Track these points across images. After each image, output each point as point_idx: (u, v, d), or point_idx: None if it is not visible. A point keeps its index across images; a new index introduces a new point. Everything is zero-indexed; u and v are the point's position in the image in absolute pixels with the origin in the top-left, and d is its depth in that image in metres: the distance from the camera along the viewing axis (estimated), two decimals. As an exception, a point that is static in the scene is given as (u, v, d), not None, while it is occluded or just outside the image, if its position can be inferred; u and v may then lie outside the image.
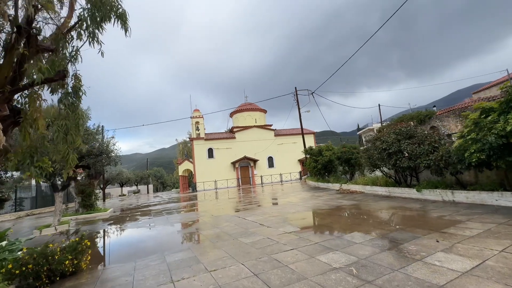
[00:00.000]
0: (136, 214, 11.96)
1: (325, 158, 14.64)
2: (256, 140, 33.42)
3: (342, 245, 4.07)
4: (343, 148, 12.82)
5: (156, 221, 8.97)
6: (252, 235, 5.31)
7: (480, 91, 26.88)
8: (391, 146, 8.19)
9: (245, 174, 32.56)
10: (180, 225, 7.74)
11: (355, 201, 8.74)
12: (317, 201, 9.57)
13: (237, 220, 7.34)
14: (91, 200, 13.23)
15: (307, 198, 10.87)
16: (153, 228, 7.52)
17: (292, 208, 8.61)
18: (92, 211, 12.96)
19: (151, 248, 5.17)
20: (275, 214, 7.61)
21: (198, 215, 9.46)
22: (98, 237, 7.15)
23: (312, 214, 7.16)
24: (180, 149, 46.63)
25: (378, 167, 9.60)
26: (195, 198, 18.96)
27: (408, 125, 8.35)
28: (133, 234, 7.16)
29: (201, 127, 32.25)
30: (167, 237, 6.14)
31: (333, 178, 14.36)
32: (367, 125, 47.89)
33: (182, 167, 32.25)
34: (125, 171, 33.85)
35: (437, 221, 4.98)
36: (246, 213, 8.52)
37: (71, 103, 3.95)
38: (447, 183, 7.42)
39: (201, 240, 5.51)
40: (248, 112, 35.76)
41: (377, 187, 9.99)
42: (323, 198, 10.25)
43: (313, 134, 34.88)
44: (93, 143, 10.27)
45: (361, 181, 11.20)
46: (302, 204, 9.35)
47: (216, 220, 7.70)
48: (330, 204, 8.51)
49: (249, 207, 10.17)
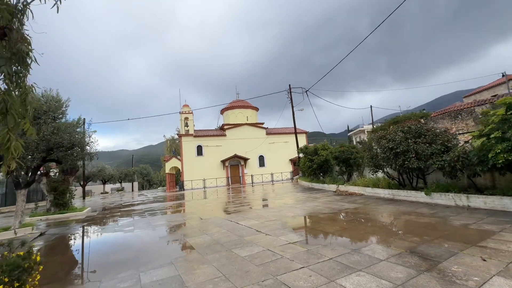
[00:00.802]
0: (115, 214, 10.82)
1: (321, 158, 13.96)
2: (247, 138, 32.52)
3: (364, 262, 3.28)
4: (341, 148, 12.16)
5: (136, 224, 7.93)
6: (248, 245, 4.45)
7: (471, 95, 27.13)
8: (399, 145, 7.53)
9: (235, 173, 31.61)
10: (164, 229, 6.76)
11: (357, 204, 8.04)
12: (315, 204, 8.82)
13: (229, 224, 6.45)
14: (65, 199, 11.95)
15: (303, 200, 10.11)
16: (132, 234, 6.51)
17: (290, 211, 7.81)
18: (66, 211, 11.69)
19: (125, 262, 4.20)
20: (272, 218, 6.78)
21: (184, 218, 8.50)
22: (63, 245, 6.07)
23: (314, 219, 6.37)
24: (168, 146, 45.00)
25: (381, 168, 8.96)
26: (182, 197, 17.87)
27: (418, 122, 7.71)
28: (106, 241, 6.12)
29: (190, 123, 30.99)
30: (147, 246, 5.17)
31: (329, 179, 13.70)
32: (358, 126, 48.00)
33: (169, 164, 30.89)
34: (108, 168, 32.02)
35: (466, 231, 4.29)
36: (239, 216, 7.64)
37: (14, 72, 2.96)
38: (459, 186, 6.82)
39: (187, 251, 4.59)
40: (239, 109, 34.77)
41: (378, 189, 9.35)
42: (321, 200, 9.51)
43: (305, 133, 34.34)
44: (63, 133, 9.00)
45: (360, 182, 10.56)
46: (300, 206, 8.57)
47: (205, 224, 6.78)
48: (332, 208, 7.77)
49: (241, 209, 9.29)
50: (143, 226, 7.43)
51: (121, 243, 5.67)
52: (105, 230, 7.41)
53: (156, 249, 4.83)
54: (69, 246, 5.83)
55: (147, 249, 4.91)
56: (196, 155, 30.66)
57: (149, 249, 4.93)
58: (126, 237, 6.19)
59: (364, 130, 44.42)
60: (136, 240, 5.79)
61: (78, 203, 20.21)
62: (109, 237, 6.47)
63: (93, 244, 5.90)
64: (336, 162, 12.43)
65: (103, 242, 6.08)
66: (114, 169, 34.41)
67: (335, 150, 12.53)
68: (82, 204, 18.83)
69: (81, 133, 10.16)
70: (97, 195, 31.76)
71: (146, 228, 7.09)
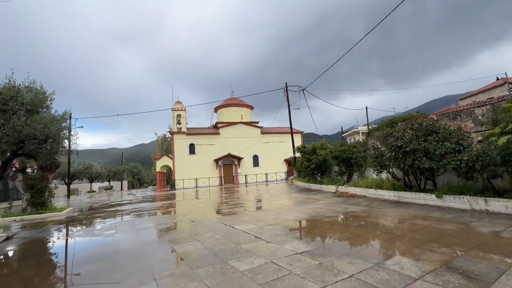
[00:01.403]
0: (98, 215, 9.93)
1: (320, 157, 13.37)
2: (242, 137, 31.78)
3: (395, 281, 2.62)
4: (341, 147, 11.59)
5: (119, 227, 7.12)
6: (247, 255, 3.75)
7: (467, 98, 27.16)
8: (409, 143, 6.97)
9: (228, 173, 30.81)
10: (149, 234, 5.98)
11: (362, 206, 7.44)
12: (317, 206, 8.18)
13: (223, 229, 5.73)
14: (43, 198, 10.96)
15: (302, 201, 9.47)
16: (112, 239, 5.71)
17: (290, 213, 7.14)
18: (44, 211, 10.71)
19: (96, 277, 3.44)
20: (271, 222, 6.09)
21: (174, 220, 7.72)
22: (28, 253, 5.21)
23: (319, 224, 5.71)
24: (159, 144, 43.78)
25: (386, 168, 8.40)
26: (173, 197, 17.00)
27: (429, 119, 7.17)
28: (80, 248, 5.31)
29: (183, 121, 30.03)
30: (126, 256, 4.40)
31: (328, 180, 13.13)
32: (352, 127, 47.89)
33: (160, 162, 29.84)
34: (95, 165, 30.62)
35: (501, 241, 3.70)
36: (234, 219, 6.92)
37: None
38: (474, 189, 6.30)
39: (174, 263, 3.85)
40: (234, 108, 33.99)
41: (383, 190, 8.79)
42: (322, 202, 8.89)
43: (300, 133, 33.84)
44: (37, 125, 8.00)
45: (362, 183, 9.99)
46: (300, 209, 7.91)
47: (197, 228, 6.04)
48: (335, 210, 7.14)
49: (236, 210, 8.57)
50: (126, 229, 6.63)
51: (96, 251, 4.87)
52: (82, 234, 6.57)
53: (137, 260, 4.07)
54: (35, 254, 4.99)
55: (126, 260, 4.14)
56: (188, 153, 29.73)
57: (129, 259, 4.16)
58: (104, 243, 5.39)
59: (359, 131, 44.31)
60: (115, 247, 5.00)
61: (61, 202, 19.07)
62: (84, 243, 5.64)
63: (63, 252, 5.08)
64: (336, 162, 11.86)
65: (76, 249, 5.26)
66: (102, 167, 33.04)
67: (335, 150, 11.96)
68: (66, 203, 17.73)
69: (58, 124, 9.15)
70: (84, 194, 30.40)
71: (129, 231, 6.29)
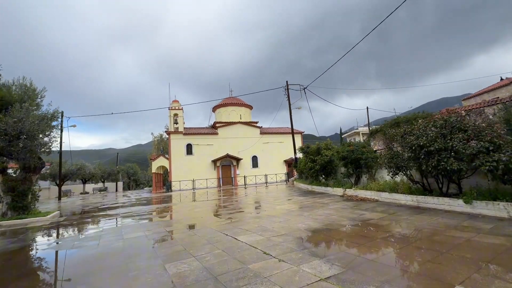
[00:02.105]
0: (85, 220, 9.04)
1: (325, 158, 12.58)
2: (240, 137, 30.97)
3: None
4: (349, 147, 10.81)
5: (105, 235, 6.25)
6: (258, 282, 2.92)
7: (471, 98, 26.62)
8: (433, 142, 6.20)
9: (226, 174, 29.95)
10: (137, 247, 5.13)
11: (379, 213, 6.64)
12: (327, 211, 7.37)
13: (224, 240, 4.90)
14: (25, 201, 10.03)
15: (310, 206, 8.66)
16: (93, 252, 4.85)
17: (299, 221, 6.32)
18: (27, 216, 9.79)
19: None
20: (279, 231, 5.28)
21: (167, 227, 6.87)
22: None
23: (336, 235, 4.90)
24: (156, 144, 42.78)
25: (403, 170, 7.62)
26: (169, 200, 16.10)
27: (457, 115, 6.40)
28: (51, 266, 4.43)
29: (180, 120, 29.15)
30: (103, 280, 3.55)
31: (334, 182, 12.33)
32: (352, 128, 47.26)
33: (156, 163, 28.90)
34: (88, 166, 29.55)
35: None
36: (236, 227, 6.09)
37: None
38: (505, 194, 5.54)
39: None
40: (232, 107, 33.18)
41: (398, 194, 8.02)
42: (332, 207, 8.08)
43: (300, 134, 33.10)
44: (9, 119, 7.05)
45: (374, 186, 9.21)
46: (308, 215, 7.09)
47: (193, 240, 5.20)
48: (350, 217, 6.33)
49: (238, 216, 7.74)
50: (112, 239, 5.76)
51: (69, 272, 3.98)
52: (60, 246, 5.69)
53: (116, 286, 3.23)
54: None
55: (101, 286, 3.29)
56: (185, 154, 28.83)
57: (105, 284, 3.32)
58: (82, 260, 4.52)
59: (359, 132, 43.67)
60: (93, 266, 4.14)
61: (50, 205, 18.08)
62: (59, 259, 4.77)
63: (27, 270, 4.21)
64: (343, 163, 11.07)
65: (46, 266, 4.39)
66: (96, 168, 31.96)
67: (342, 150, 11.18)
68: (55, 206, 16.75)
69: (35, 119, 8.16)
70: (77, 195, 29.32)
71: (115, 242, 5.44)
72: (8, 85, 15.77)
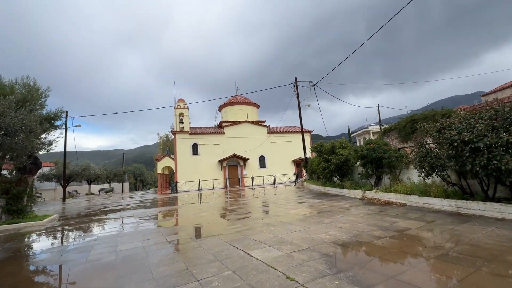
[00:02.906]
0: (81, 226, 8.33)
1: (341, 158, 11.60)
2: (247, 137, 30.14)
3: None
4: (368, 145, 9.82)
5: (98, 245, 5.47)
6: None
7: (490, 94, 25.13)
8: (481, 137, 5.20)
9: (233, 175, 29.15)
10: (130, 265, 4.31)
11: (414, 220, 5.67)
12: (351, 218, 6.43)
13: (235, 256, 4.04)
14: (20, 204, 9.39)
15: (328, 210, 7.73)
16: (77, 270, 4.06)
17: (321, 230, 5.41)
18: (22, 220, 9.15)
19: None
20: (300, 244, 4.38)
21: (169, 236, 6.05)
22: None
23: (371, 250, 3.98)
24: (161, 144, 42.34)
25: (438, 170, 6.61)
26: (174, 202, 15.37)
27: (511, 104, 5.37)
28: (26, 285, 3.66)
29: (186, 120, 28.50)
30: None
31: (350, 183, 11.34)
32: (362, 127, 45.92)
33: (162, 164, 28.31)
34: (93, 166, 29.16)
35: None
36: (248, 237, 5.22)
37: None
38: None
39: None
40: (239, 106, 32.38)
41: (431, 198, 7.01)
42: (354, 213, 7.13)
43: (309, 133, 32.04)
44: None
45: (400, 188, 8.21)
46: (330, 222, 6.17)
47: (197, 254, 4.36)
48: (381, 226, 5.38)
49: (248, 222, 6.87)
50: (104, 251, 4.97)
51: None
52: (45, 259, 4.92)
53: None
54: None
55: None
56: (191, 154, 28.17)
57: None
58: (63, 278, 3.73)
59: (370, 131, 42.33)
60: (76, 283, 3.34)
61: (53, 206, 17.61)
62: (37, 278, 3.99)
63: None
64: (362, 162, 10.07)
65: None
66: (101, 168, 31.61)
67: (360, 148, 10.18)
68: (58, 208, 16.25)
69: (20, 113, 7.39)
70: (82, 196, 29.00)
71: (107, 255, 4.64)
72: (11, 84, 15.33)
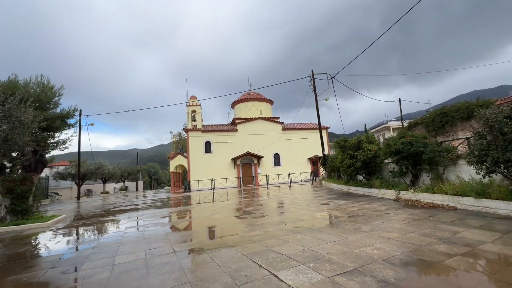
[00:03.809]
0: (86, 229, 7.67)
1: (368, 153, 10.35)
2: (261, 134, 29.12)
3: None
4: (404, 139, 8.53)
5: (95, 256, 4.66)
6: None
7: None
8: None
9: (247, 173, 28.25)
10: (123, 284, 3.44)
11: (478, 229, 4.46)
12: (395, 225, 5.27)
13: (257, 279, 3.04)
14: (25, 204, 8.89)
15: (360, 215, 6.59)
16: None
17: (363, 241, 4.32)
18: (26, 221, 8.64)
19: None
20: (343, 262, 3.33)
21: (176, 245, 5.16)
22: None
23: (450, 277, 2.88)
24: (174, 142, 42.20)
25: (503, 166, 5.33)
26: (187, 201, 14.65)
27: None
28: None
29: (198, 117, 27.89)
30: None
31: (380, 182, 10.08)
32: (381, 122, 43.65)
33: (175, 162, 27.88)
34: (106, 165, 29.19)
35: None
36: (270, 248, 4.22)
37: None
38: None
39: None
40: (252, 102, 31.41)
41: (492, 201, 5.72)
42: (395, 218, 5.95)
43: (326, 129, 30.57)
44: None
45: (448, 188, 6.92)
46: (369, 230, 5.05)
47: (208, 274, 3.40)
48: (440, 238, 4.20)
49: (269, 228, 5.87)
50: (99, 263, 4.15)
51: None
52: (28, 277, 4.16)
53: None
54: None
55: None
56: (204, 152, 27.54)
57: None
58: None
59: (389, 127, 40.09)
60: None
61: (67, 205, 17.41)
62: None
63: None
64: (396, 158, 8.81)
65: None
66: (115, 167, 31.68)
67: (393, 143, 8.91)
68: (70, 207, 15.99)
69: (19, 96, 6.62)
70: (98, 195, 29.16)
71: (101, 271, 3.79)
72: (26, 82, 15.15)
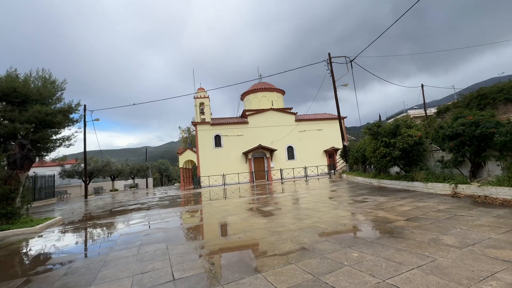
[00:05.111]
0: (77, 234, 6.40)
1: (409, 140, 8.60)
2: (273, 126, 27.51)
3: None
4: (464, 118, 6.76)
5: (63, 279, 3.30)
6: None
7: None
8: None
9: (259, 167, 26.80)
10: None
11: None
12: (493, 235, 3.62)
13: None
14: (10, 206, 7.71)
15: (421, 217, 4.95)
16: None
17: (462, 263, 2.71)
18: (13, 225, 7.49)
19: None
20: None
21: (179, 271, 3.72)
22: None
23: None
24: (183, 137, 41.20)
25: None
26: (196, 199, 13.34)
27: None
28: None
29: (207, 110, 26.52)
30: None
31: (425, 174, 8.34)
32: (400, 112, 41.04)
33: (183, 157, 26.73)
34: (114, 162, 28.37)
35: None
36: (319, 279, 2.70)
37: None
38: None
39: None
40: (263, 93, 29.74)
41: None
42: (483, 223, 4.29)
43: (343, 119, 28.57)
44: None
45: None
46: (460, 244, 3.43)
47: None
48: None
49: (305, 241, 4.34)
50: (87, 280, 2.77)
51: None
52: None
53: None
54: None
55: None
56: (214, 146, 26.22)
57: None
58: None
59: (410, 115, 37.55)
60: None
61: (70, 205, 16.46)
62: None
63: None
64: (453, 144, 7.03)
65: None
66: (123, 164, 30.89)
67: (448, 125, 7.14)
68: (77, 205, 15.02)
69: None
70: (107, 192, 28.50)
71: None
72: (26, 77, 14.10)
